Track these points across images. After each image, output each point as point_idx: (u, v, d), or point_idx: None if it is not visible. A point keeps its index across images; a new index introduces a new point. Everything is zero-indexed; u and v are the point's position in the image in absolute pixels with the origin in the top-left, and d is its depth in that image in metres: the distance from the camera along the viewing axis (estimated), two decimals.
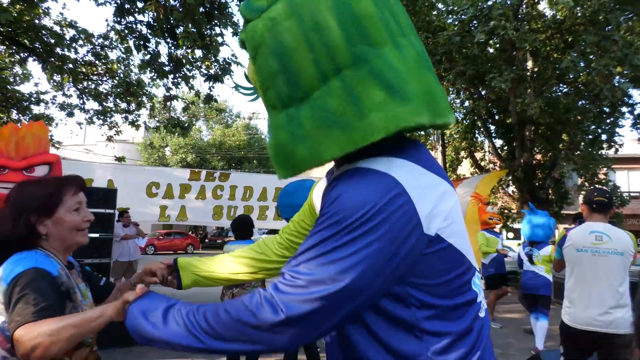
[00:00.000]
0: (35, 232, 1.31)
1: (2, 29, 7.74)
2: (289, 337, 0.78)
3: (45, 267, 1.26)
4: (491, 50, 11.44)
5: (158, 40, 7.23)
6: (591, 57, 8.70)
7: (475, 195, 7.84)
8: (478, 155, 15.17)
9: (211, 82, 7.96)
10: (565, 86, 11.58)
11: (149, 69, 7.68)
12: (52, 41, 7.92)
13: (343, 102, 0.80)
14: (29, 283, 1.19)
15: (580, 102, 10.53)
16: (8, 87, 9.08)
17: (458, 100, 14.69)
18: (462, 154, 15.19)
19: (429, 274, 0.83)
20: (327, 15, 0.81)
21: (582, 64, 9.19)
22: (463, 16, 9.42)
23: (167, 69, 7.76)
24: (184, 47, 7.26)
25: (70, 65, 8.67)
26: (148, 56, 7.49)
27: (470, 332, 0.87)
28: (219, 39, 7.27)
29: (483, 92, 11.72)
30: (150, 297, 0.96)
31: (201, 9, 6.59)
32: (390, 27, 0.83)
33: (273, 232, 19.41)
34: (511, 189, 13.87)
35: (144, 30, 7.16)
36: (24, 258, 1.26)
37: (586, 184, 11.80)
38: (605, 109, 10.62)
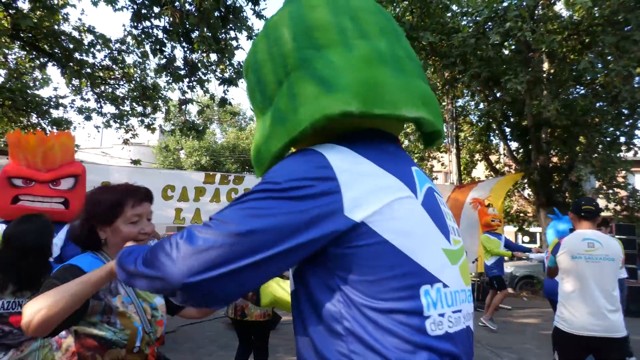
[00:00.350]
0: (97, 237, 1.43)
1: (23, 35, 7.92)
2: (186, 267, 0.75)
3: (82, 265, 1.36)
4: (506, 52, 11.32)
5: (174, 44, 7.33)
6: (609, 58, 8.56)
7: (474, 200, 7.83)
8: (493, 158, 15.01)
9: (226, 86, 8.03)
10: (582, 88, 11.40)
11: (164, 72, 7.78)
12: (71, 46, 8.08)
13: (286, 100, 0.90)
14: (56, 274, 1.31)
15: (598, 104, 10.36)
16: (28, 91, 9.28)
17: (472, 103, 14.59)
18: (477, 156, 15.05)
19: (358, 269, 0.80)
20: (284, 29, 0.94)
21: (600, 65, 9.05)
22: (478, 17, 9.35)
23: (182, 72, 7.86)
24: (199, 51, 7.34)
25: (88, 70, 8.84)
26: (164, 60, 7.60)
27: (408, 344, 0.79)
28: (234, 43, 7.34)
29: (498, 94, 11.61)
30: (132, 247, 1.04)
31: (216, 14, 6.66)
32: (344, 31, 0.91)
33: None
34: (527, 192, 13.69)
35: (160, 34, 7.27)
36: (77, 257, 1.42)
37: (604, 187, 11.59)
38: (623, 110, 10.43)
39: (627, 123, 10.77)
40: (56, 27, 8.32)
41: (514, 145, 13.10)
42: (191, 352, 4.99)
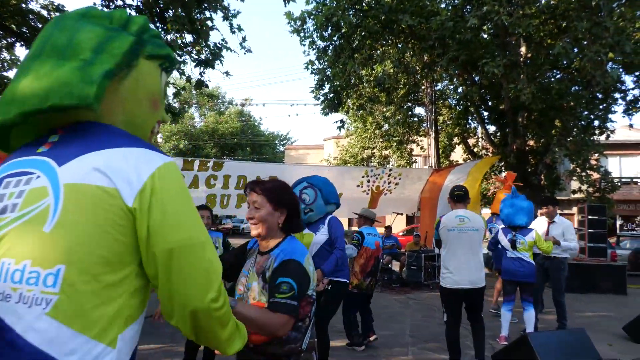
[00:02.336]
0: None
1: None
2: None
3: (250, 242, 1.96)
4: (484, 36, 11.37)
5: None
6: (584, 43, 8.68)
7: (500, 180, 7.38)
8: (471, 141, 15.19)
9: (202, 68, 7.86)
10: (558, 72, 11.57)
11: None
12: (40, 25, 7.77)
13: None
14: None
15: (573, 89, 10.54)
16: None
17: (451, 87, 14.68)
18: (455, 140, 15.20)
19: None
20: None
21: (575, 50, 9.17)
22: (456, 0, 9.34)
23: None
24: (173, 32, 7.15)
25: None
26: None
27: None
28: (209, 24, 7.17)
29: (476, 78, 11.69)
30: None
31: None
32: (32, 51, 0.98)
33: None
34: (503, 174, 13.94)
35: (133, 14, 7.04)
36: None
37: (578, 169, 11.87)
38: (597, 95, 10.64)
39: (600, 107, 11.00)
40: (23, 5, 7.98)
41: (491, 128, 13.28)
42: (170, 336, 4.98)
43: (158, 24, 7.09)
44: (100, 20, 1.01)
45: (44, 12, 8.52)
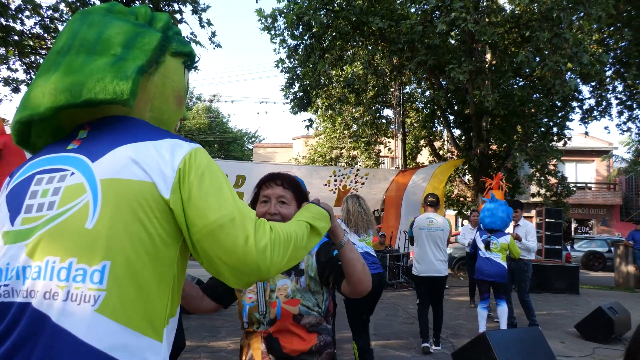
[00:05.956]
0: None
1: None
2: None
3: None
4: (452, 42, 11.65)
5: None
6: (545, 52, 9.02)
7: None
8: (437, 144, 15.52)
9: None
10: (520, 80, 11.98)
11: None
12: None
13: None
14: None
15: (534, 96, 10.93)
16: None
17: (419, 90, 14.94)
18: (422, 142, 15.50)
19: None
20: None
21: (537, 59, 9.52)
22: (425, 6, 9.51)
23: None
24: None
25: (16, 38, 8.15)
26: None
27: None
28: (178, 17, 7.02)
29: (443, 83, 11.95)
30: None
31: None
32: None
33: None
34: (467, 177, 14.31)
35: (97, 3, 6.81)
36: None
37: (537, 174, 12.34)
38: (557, 103, 11.09)
39: (559, 115, 11.47)
40: None
41: (456, 132, 13.61)
42: None
43: None
44: (126, 16, 1.02)
45: None
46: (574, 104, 12.22)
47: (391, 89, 14.23)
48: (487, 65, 10.73)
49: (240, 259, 0.88)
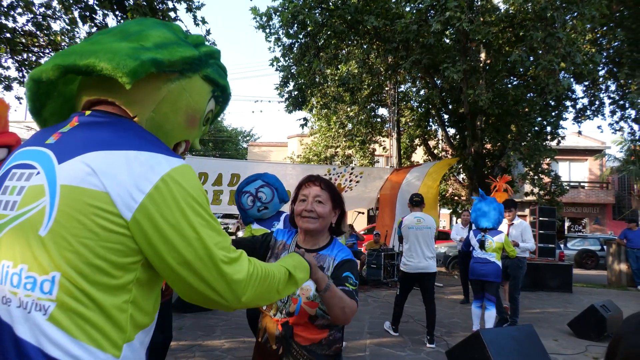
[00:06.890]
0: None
1: None
2: None
3: (275, 232, 1.84)
4: (447, 41, 11.67)
5: (105, 12, 6.84)
6: (539, 52, 9.06)
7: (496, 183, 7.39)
8: (431, 143, 15.55)
9: None
10: (514, 79, 12.02)
11: None
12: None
13: None
14: None
15: (528, 95, 10.97)
16: None
17: (414, 89, 14.97)
18: (417, 141, 15.53)
19: None
20: None
21: (531, 59, 9.56)
22: (420, 5, 9.52)
23: None
24: None
25: (8, 35, 8.06)
26: (94, 29, 7.08)
27: None
28: (172, 14, 6.98)
29: (438, 82, 11.97)
30: None
31: None
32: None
33: (227, 216, 19.18)
34: (462, 176, 14.35)
35: (91, 0, 6.76)
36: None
37: (531, 173, 12.39)
38: (550, 102, 11.14)
39: (553, 114, 11.53)
40: None
41: (451, 131, 13.64)
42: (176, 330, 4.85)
43: (117, 13, 6.84)
44: (178, 32, 1.04)
45: None
46: (568, 103, 12.29)
47: (386, 88, 14.24)
48: (481, 65, 10.77)
49: (210, 288, 0.89)
